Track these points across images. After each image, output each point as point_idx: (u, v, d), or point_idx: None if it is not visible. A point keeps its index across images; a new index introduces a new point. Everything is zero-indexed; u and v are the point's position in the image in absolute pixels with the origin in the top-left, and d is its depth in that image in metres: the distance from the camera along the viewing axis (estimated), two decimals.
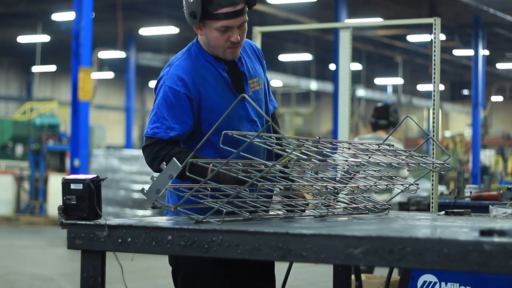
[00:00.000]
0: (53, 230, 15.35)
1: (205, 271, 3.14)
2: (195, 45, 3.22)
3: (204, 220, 2.53)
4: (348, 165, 3.10)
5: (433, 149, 4.84)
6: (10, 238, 14.17)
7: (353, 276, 4.15)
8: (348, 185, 3.14)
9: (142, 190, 2.51)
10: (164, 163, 2.56)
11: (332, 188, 3.02)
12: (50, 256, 11.88)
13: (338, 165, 3.09)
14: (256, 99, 3.25)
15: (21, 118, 23.94)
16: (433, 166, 3.31)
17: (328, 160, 2.97)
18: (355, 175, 3.21)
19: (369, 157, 3.10)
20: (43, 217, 17.66)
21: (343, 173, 3.20)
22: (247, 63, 3.27)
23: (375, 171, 3.23)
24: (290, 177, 2.92)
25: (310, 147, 2.78)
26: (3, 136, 21.14)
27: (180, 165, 2.47)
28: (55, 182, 17.60)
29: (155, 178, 2.50)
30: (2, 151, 21.17)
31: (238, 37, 3.10)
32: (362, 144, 3.21)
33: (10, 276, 9.46)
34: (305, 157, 2.69)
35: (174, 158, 2.53)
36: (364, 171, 3.23)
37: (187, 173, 2.62)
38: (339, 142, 3.23)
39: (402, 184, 3.30)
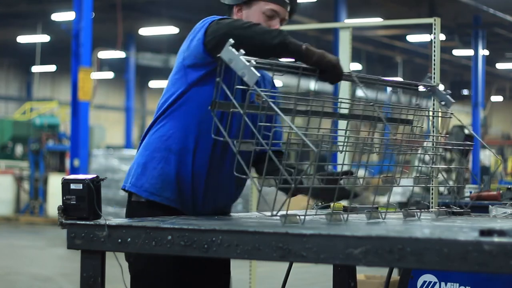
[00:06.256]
0: (53, 230, 15.35)
1: (156, 272, 3.02)
2: None
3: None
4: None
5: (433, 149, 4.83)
6: (10, 238, 14.17)
7: None
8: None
9: None
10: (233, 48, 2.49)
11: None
12: (50, 256, 11.88)
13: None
14: None
15: (21, 118, 23.94)
16: None
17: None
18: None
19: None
20: (43, 217, 17.66)
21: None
22: None
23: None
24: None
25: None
26: (3, 136, 21.13)
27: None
28: (55, 182, 17.60)
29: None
30: (2, 151, 21.17)
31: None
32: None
33: (10, 276, 9.46)
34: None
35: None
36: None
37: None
38: None
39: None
